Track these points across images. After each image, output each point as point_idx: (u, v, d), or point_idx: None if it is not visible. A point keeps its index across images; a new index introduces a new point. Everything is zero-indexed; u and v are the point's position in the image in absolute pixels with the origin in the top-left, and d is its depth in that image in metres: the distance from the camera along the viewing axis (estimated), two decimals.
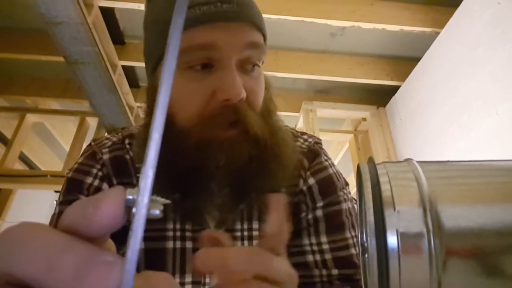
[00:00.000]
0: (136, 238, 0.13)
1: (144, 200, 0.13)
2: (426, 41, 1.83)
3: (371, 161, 0.20)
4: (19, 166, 2.55)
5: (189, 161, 0.40)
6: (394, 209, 0.17)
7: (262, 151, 0.42)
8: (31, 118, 2.27)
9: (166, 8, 0.45)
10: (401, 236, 0.16)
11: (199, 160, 0.40)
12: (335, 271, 0.46)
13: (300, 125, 2.24)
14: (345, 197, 0.51)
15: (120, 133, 0.53)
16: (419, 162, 0.19)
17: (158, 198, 0.15)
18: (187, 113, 0.41)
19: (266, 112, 0.45)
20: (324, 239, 0.47)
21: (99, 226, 0.14)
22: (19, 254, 0.14)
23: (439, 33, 1.74)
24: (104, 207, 0.14)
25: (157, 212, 0.14)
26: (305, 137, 0.56)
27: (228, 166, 0.41)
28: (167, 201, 0.15)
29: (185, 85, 0.41)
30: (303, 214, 0.49)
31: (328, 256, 0.47)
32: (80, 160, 0.50)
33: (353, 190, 1.91)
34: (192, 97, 0.41)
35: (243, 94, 0.40)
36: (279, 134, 0.45)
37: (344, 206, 0.50)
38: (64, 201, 0.47)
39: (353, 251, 0.48)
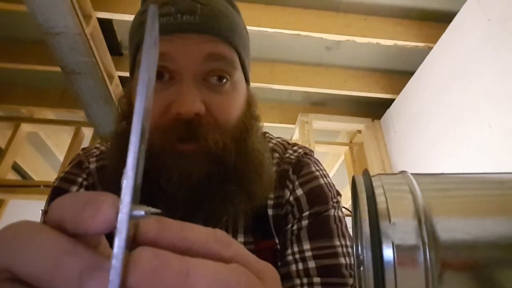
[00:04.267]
0: (121, 236, 0.13)
1: (126, 198, 0.13)
2: (419, 56, 1.86)
3: (366, 173, 0.20)
4: (12, 176, 2.52)
5: None
6: (390, 221, 0.17)
7: (224, 170, 0.40)
8: (25, 127, 2.25)
9: (134, 20, 0.47)
10: (397, 248, 0.16)
11: (150, 172, 0.38)
12: (317, 279, 0.42)
13: (295, 137, 2.25)
14: (335, 205, 0.48)
15: (109, 143, 0.53)
16: (413, 174, 0.19)
17: (149, 208, 0.15)
18: None
19: (240, 131, 0.43)
20: (307, 246, 0.44)
21: (95, 231, 0.14)
22: (23, 251, 0.14)
23: (432, 48, 1.78)
24: (102, 214, 0.14)
25: (142, 213, 0.14)
26: (295, 148, 0.53)
27: (182, 182, 0.38)
28: (158, 211, 0.15)
29: None
30: (289, 226, 0.47)
31: (311, 264, 0.43)
32: (67, 169, 0.50)
33: (348, 202, 1.91)
34: None
35: (197, 109, 0.39)
36: (251, 156, 0.43)
37: (333, 213, 0.47)
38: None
39: (342, 260, 0.44)
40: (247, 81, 0.48)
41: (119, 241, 0.13)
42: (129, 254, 0.14)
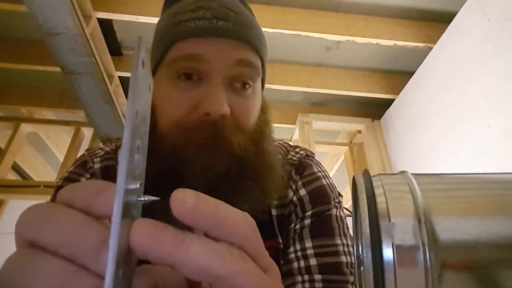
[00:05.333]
0: (119, 201, 0.15)
1: (122, 170, 0.15)
2: (419, 56, 1.86)
3: (366, 173, 0.20)
4: (12, 176, 2.52)
5: (164, 165, 0.40)
6: (390, 221, 0.17)
7: (243, 168, 0.42)
8: (25, 128, 2.25)
9: (163, 20, 0.47)
10: (397, 248, 0.16)
11: (173, 164, 0.40)
12: (318, 277, 0.43)
13: (295, 137, 2.25)
14: (337, 205, 0.50)
15: (114, 143, 0.54)
16: (413, 174, 0.19)
17: (148, 197, 0.17)
18: (167, 119, 0.42)
19: (257, 134, 0.45)
20: (309, 244, 0.46)
21: (106, 214, 0.16)
22: (47, 223, 0.16)
23: (432, 48, 1.78)
24: (112, 201, 0.16)
25: (137, 185, 0.16)
26: (297, 150, 0.55)
27: (203, 174, 0.40)
28: (156, 198, 0.17)
29: (171, 92, 0.42)
30: (292, 225, 0.48)
31: (313, 261, 0.44)
32: (71, 169, 0.51)
33: (348, 202, 1.91)
34: (175, 104, 0.42)
35: (224, 111, 0.40)
36: (266, 158, 0.45)
37: (335, 212, 0.49)
38: None
39: (343, 258, 0.45)
40: (262, 87, 0.50)
41: (117, 205, 0.15)
42: (131, 223, 0.16)
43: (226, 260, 0.16)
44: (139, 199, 0.17)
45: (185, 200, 0.16)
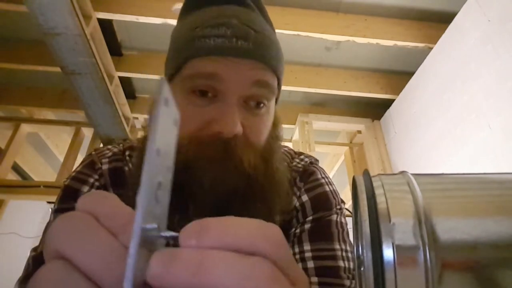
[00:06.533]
0: (134, 241, 0.15)
1: (139, 214, 0.15)
2: (419, 56, 1.87)
3: (366, 173, 0.20)
4: (12, 177, 2.52)
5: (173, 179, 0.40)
6: (390, 221, 0.17)
7: (251, 187, 0.42)
8: (25, 128, 2.25)
9: (181, 30, 0.46)
10: (397, 248, 0.16)
11: (182, 179, 0.40)
12: (314, 279, 0.43)
13: (295, 137, 2.25)
14: (338, 211, 0.50)
15: (121, 145, 0.53)
16: (414, 174, 0.19)
17: (169, 233, 0.17)
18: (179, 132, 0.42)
19: (267, 151, 0.45)
20: (307, 247, 0.46)
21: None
22: (80, 244, 0.16)
23: (431, 48, 1.78)
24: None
25: (155, 226, 0.16)
26: (302, 157, 0.56)
27: (213, 188, 0.40)
28: (176, 234, 0.17)
29: (184, 106, 0.41)
30: (292, 230, 0.49)
31: (310, 264, 0.44)
32: (78, 169, 0.50)
33: (348, 203, 1.91)
34: (188, 119, 0.41)
35: (237, 131, 0.40)
36: (275, 177, 0.45)
37: (335, 218, 0.49)
38: (59, 209, 0.46)
39: (340, 263, 0.45)
40: (276, 103, 0.50)
41: (133, 244, 0.15)
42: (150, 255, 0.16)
43: (254, 280, 0.15)
44: (161, 234, 0.17)
45: (185, 235, 0.16)
